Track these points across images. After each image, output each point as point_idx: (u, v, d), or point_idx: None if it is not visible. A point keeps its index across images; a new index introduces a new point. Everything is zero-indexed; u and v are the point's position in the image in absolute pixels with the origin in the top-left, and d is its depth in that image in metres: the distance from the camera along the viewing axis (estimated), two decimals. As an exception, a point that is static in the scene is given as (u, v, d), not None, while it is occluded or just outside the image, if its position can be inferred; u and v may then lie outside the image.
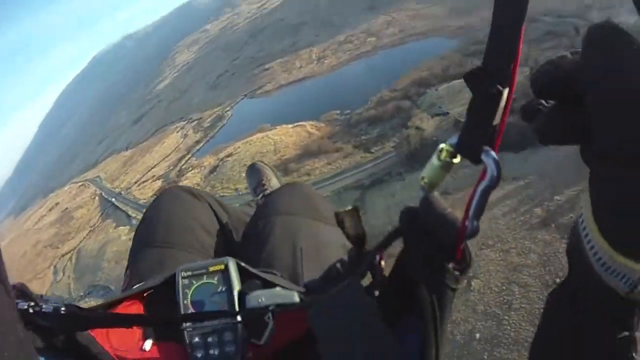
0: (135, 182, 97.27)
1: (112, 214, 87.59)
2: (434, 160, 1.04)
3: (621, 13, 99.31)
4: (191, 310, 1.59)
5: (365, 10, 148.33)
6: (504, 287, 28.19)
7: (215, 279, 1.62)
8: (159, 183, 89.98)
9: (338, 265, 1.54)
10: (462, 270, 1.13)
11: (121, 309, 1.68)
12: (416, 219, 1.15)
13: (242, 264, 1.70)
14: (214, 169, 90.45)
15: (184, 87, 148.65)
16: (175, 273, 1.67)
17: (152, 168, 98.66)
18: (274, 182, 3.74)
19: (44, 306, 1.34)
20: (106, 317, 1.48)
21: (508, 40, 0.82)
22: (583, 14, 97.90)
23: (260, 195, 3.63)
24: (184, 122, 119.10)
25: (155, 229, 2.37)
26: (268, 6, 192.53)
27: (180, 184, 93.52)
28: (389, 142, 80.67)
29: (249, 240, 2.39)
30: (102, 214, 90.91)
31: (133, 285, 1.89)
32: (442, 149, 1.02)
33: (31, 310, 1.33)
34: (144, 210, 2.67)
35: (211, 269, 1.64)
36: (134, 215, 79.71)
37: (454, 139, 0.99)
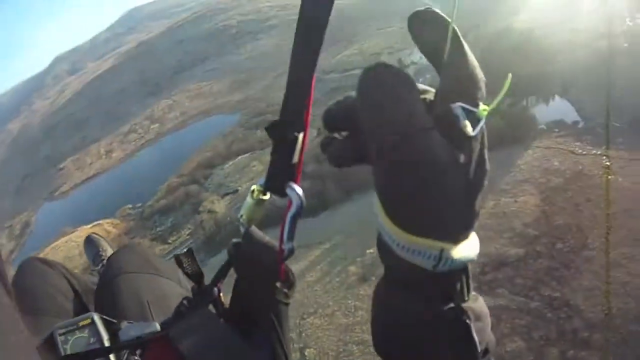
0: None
1: None
2: (248, 199, 1.20)
3: (413, 53, 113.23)
4: None
5: (146, 95, 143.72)
6: (341, 349, 33.46)
7: (86, 332, 1.69)
8: None
9: (185, 302, 1.59)
10: (289, 287, 1.27)
11: None
12: (241, 250, 1.30)
13: (105, 317, 1.77)
14: None
15: None
16: (52, 333, 1.70)
17: None
18: (109, 250, 4.01)
19: None
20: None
21: (300, 94, 0.96)
22: (370, 63, 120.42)
23: (100, 265, 3.85)
24: None
25: (22, 299, 2.40)
26: (59, 101, 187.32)
27: None
28: (184, 230, 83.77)
29: (101, 301, 2.50)
30: None
31: None
32: (253, 189, 1.18)
33: None
34: None
35: (80, 323, 1.71)
36: None
37: (262, 180, 1.16)
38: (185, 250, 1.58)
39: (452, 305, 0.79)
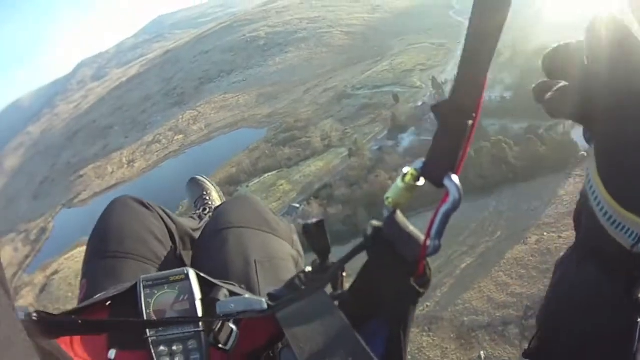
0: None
1: None
2: (398, 183, 1.12)
3: (445, 71, 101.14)
4: (153, 319, 1.58)
5: (171, 105, 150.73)
6: None
7: (177, 288, 1.62)
8: None
9: (301, 275, 1.49)
10: (424, 284, 1.22)
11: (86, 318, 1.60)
12: (380, 235, 1.24)
13: (202, 275, 1.71)
14: (43, 288, 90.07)
15: (11, 195, 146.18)
16: (136, 283, 1.66)
17: None
18: (214, 195, 3.76)
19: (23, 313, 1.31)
20: (78, 323, 1.44)
21: (475, 75, 0.88)
22: (401, 81, 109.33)
23: (202, 209, 3.54)
24: (14, 234, 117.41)
25: (108, 239, 2.35)
26: (83, 106, 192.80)
27: (17, 304, 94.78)
28: None
29: (201, 252, 2.44)
30: None
31: (90, 296, 1.90)
32: (407, 172, 1.10)
33: None
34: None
35: (172, 278, 1.64)
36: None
37: (418, 164, 1.08)
38: (316, 220, 1.46)
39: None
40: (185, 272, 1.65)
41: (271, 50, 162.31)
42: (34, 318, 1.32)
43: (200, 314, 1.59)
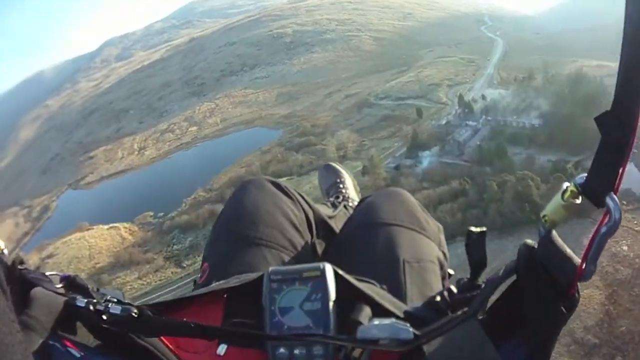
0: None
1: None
2: (558, 199, 1.11)
3: (473, 89, 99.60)
4: (278, 317, 1.45)
5: (189, 95, 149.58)
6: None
7: (309, 286, 1.47)
8: None
9: (446, 294, 1.44)
10: (569, 308, 1.20)
11: (199, 308, 1.66)
12: (534, 256, 1.25)
13: (339, 271, 1.52)
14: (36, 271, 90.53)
15: (21, 168, 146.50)
16: (263, 274, 1.55)
17: None
18: (348, 183, 3.62)
19: (110, 306, 1.35)
20: (186, 326, 1.38)
21: (636, 88, 0.85)
22: (426, 94, 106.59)
23: (335, 196, 3.43)
24: (17, 208, 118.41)
25: (239, 221, 2.24)
26: (103, 85, 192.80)
27: (115, 290, 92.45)
28: (200, 255, 79.55)
29: (344, 245, 2.33)
30: None
31: (211, 281, 1.83)
32: (567, 188, 1.08)
33: (93, 309, 1.35)
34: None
35: (305, 274, 1.49)
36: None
37: (581, 179, 1.05)
38: (481, 229, 1.42)
39: None
40: (322, 267, 1.49)
41: (297, 49, 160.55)
42: (134, 314, 1.33)
43: (332, 317, 1.43)
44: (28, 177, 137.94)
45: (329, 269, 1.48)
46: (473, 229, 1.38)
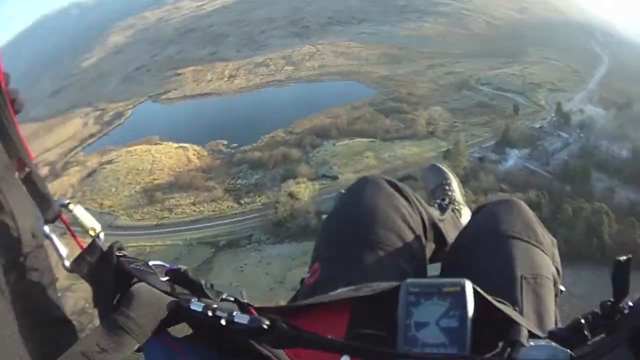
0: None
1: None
2: None
3: (572, 100, 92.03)
4: (413, 332, 1.38)
5: (292, 35, 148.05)
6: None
7: (447, 302, 1.40)
8: (45, 170, 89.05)
9: (590, 317, 1.34)
10: None
11: (321, 314, 1.58)
12: None
13: (478, 289, 1.45)
14: (91, 173, 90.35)
15: (104, 71, 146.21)
16: (399, 285, 1.47)
17: (47, 152, 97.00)
18: (454, 186, 3.51)
19: (235, 315, 1.29)
20: (317, 340, 1.31)
21: None
22: (526, 92, 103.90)
23: (441, 198, 3.33)
24: (90, 109, 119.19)
25: (355, 221, 2.21)
26: (206, 7, 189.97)
27: (62, 179, 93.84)
28: (262, 196, 78.26)
29: (460, 253, 2.32)
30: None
31: (324, 284, 1.87)
32: None
33: (212, 314, 1.28)
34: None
35: (445, 289, 1.42)
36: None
37: None
38: (627, 257, 1.36)
39: None
40: (462, 284, 1.44)
41: (408, 14, 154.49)
42: (265, 327, 1.28)
43: (468, 336, 1.39)
44: (108, 81, 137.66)
45: (469, 286, 1.44)
46: (620, 258, 1.32)
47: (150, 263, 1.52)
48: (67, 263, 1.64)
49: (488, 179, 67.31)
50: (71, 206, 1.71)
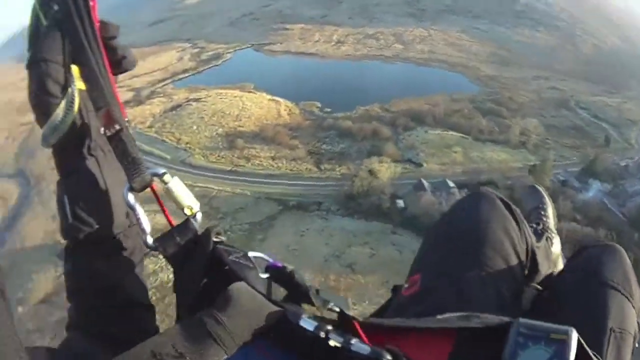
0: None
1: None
2: None
3: None
4: None
5: (407, 15, 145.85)
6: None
7: (553, 348, 1.36)
8: (129, 95, 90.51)
9: None
10: None
11: (422, 341, 1.50)
12: None
13: (582, 342, 1.39)
14: (176, 107, 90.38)
15: (208, 12, 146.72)
16: (510, 322, 1.43)
17: (134, 77, 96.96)
18: (550, 212, 3.32)
19: (353, 343, 1.21)
20: None
21: None
22: (621, 126, 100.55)
23: (536, 223, 3.14)
24: (188, 45, 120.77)
25: (464, 236, 2.17)
26: None
27: (143, 107, 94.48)
28: (342, 166, 77.44)
29: (556, 291, 2.23)
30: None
31: (422, 298, 1.91)
32: None
33: (324, 335, 1.20)
34: None
35: (552, 336, 1.38)
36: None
37: None
38: None
39: None
40: (569, 332, 1.42)
41: (524, 20, 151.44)
42: (393, 358, 1.23)
43: None
44: (212, 22, 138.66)
45: (574, 336, 1.41)
46: None
47: (250, 255, 1.44)
48: (150, 239, 1.59)
49: (565, 204, 63.80)
50: (166, 177, 1.65)
